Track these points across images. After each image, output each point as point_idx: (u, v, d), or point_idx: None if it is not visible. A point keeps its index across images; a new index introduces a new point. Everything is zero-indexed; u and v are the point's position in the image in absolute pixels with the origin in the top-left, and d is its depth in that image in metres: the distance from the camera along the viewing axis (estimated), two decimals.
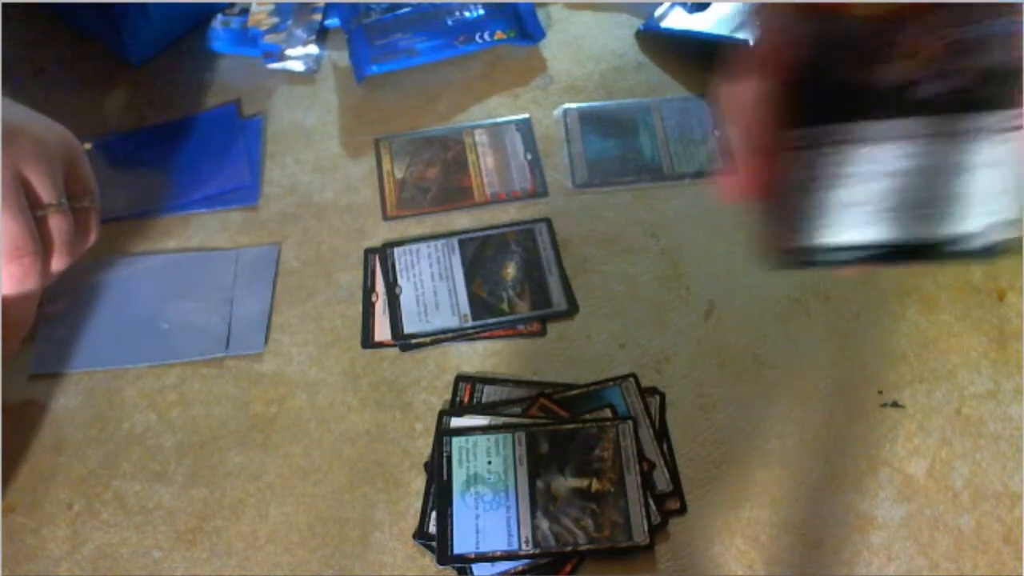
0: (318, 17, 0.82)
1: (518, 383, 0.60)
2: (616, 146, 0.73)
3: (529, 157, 0.73)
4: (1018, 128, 0.29)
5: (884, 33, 0.29)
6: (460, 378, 0.61)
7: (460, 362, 0.62)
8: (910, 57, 0.29)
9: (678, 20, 0.79)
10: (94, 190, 0.58)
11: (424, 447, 0.58)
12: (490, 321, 0.63)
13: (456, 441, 0.57)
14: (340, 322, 0.64)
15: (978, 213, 0.29)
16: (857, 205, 0.30)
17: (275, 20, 0.82)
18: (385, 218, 0.70)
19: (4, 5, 0.80)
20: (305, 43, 0.80)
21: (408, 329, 0.63)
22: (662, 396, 0.59)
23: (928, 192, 0.29)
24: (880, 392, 0.59)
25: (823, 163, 0.30)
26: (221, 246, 0.69)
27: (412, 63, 0.78)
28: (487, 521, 0.54)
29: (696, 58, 0.77)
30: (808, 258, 0.30)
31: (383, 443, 0.59)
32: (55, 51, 0.83)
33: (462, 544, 0.53)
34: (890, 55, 0.29)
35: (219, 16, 0.83)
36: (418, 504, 0.56)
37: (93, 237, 0.59)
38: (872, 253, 0.30)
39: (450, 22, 0.80)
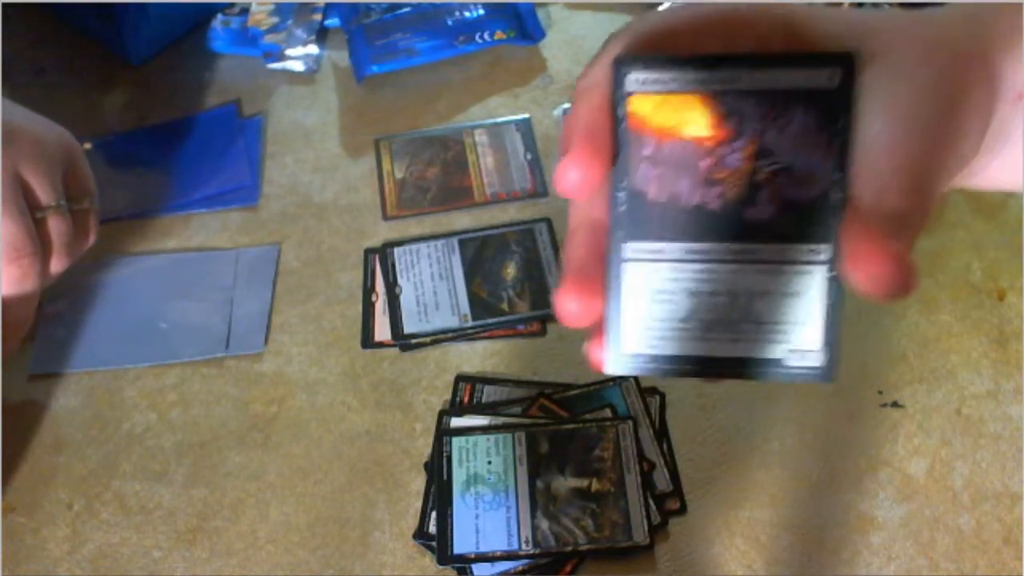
0: (318, 17, 0.82)
1: (518, 383, 0.60)
2: None
3: (529, 157, 0.73)
4: (823, 263, 0.30)
5: (712, 155, 0.30)
6: (460, 378, 0.61)
7: (460, 362, 0.62)
8: (737, 181, 0.30)
9: None
10: (93, 191, 0.59)
11: (424, 447, 0.58)
12: (490, 321, 0.63)
13: (456, 441, 0.57)
14: (340, 322, 0.64)
15: (782, 340, 0.30)
16: (678, 320, 0.31)
17: (275, 20, 0.82)
18: (385, 218, 0.70)
19: (4, 5, 0.80)
20: (305, 43, 0.80)
21: (408, 329, 0.63)
22: (662, 396, 0.59)
23: (741, 315, 0.31)
24: (880, 392, 0.59)
25: (651, 277, 0.31)
26: (221, 246, 0.69)
27: (412, 63, 0.78)
28: (487, 521, 0.54)
29: None
30: (631, 368, 0.32)
31: (383, 443, 0.59)
32: (55, 51, 0.83)
33: (462, 544, 0.53)
34: (717, 177, 0.30)
35: (219, 16, 0.83)
36: (418, 504, 0.56)
37: (92, 238, 0.59)
38: (691, 368, 0.31)
39: (450, 22, 0.80)
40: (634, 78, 0.30)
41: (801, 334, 0.30)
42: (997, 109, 0.31)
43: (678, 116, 0.30)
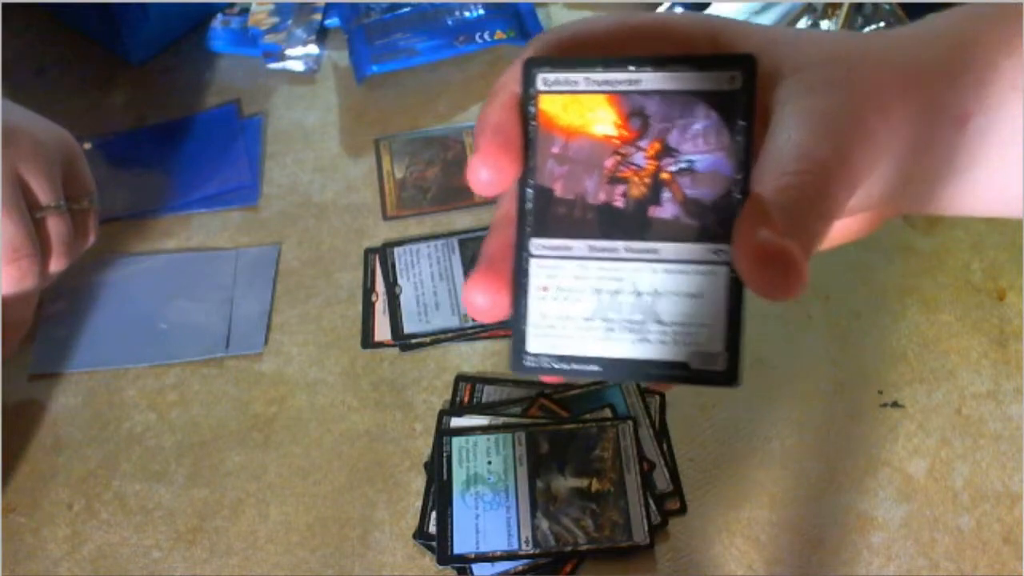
0: (318, 17, 0.82)
1: (518, 383, 0.60)
2: None
3: None
4: (725, 264, 0.30)
5: (617, 153, 0.31)
6: (460, 378, 0.61)
7: (460, 362, 0.62)
8: (641, 179, 0.31)
9: None
10: (93, 191, 0.59)
11: (424, 447, 0.58)
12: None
13: (456, 441, 0.57)
14: (340, 322, 0.64)
15: (685, 342, 0.30)
16: (583, 319, 0.31)
17: (275, 20, 0.82)
18: (385, 218, 0.70)
19: (4, 5, 0.80)
20: (305, 43, 0.80)
21: (408, 329, 0.63)
22: (662, 396, 0.59)
23: (645, 315, 0.30)
24: (880, 392, 0.59)
25: (556, 274, 0.31)
26: (221, 246, 0.69)
27: (412, 63, 0.78)
28: (487, 521, 0.54)
29: None
30: (534, 367, 0.32)
31: (383, 443, 0.59)
32: (55, 51, 0.83)
33: (462, 544, 0.53)
34: (622, 176, 0.31)
35: (219, 16, 0.83)
36: (418, 504, 0.56)
37: (92, 238, 0.59)
38: (596, 369, 0.31)
39: (450, 22, 0.80)
40: (543, 78, 0.31)
41: (704, 336, 0.30)
42: (938, 132, 0.31)
43: (585, 116, 0.31)
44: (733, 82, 0.30)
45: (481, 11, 0.81)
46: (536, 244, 0.31)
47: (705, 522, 0.54)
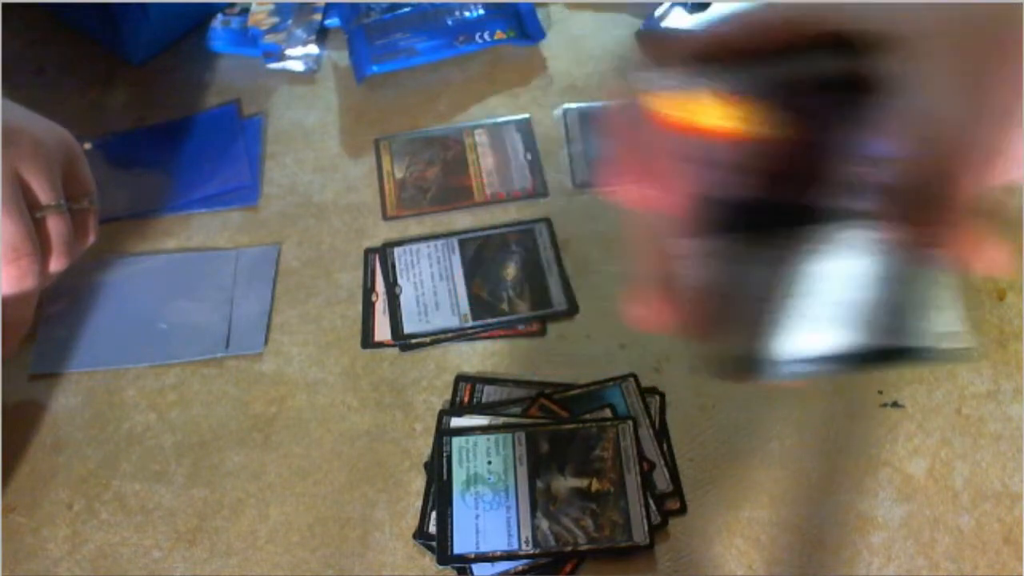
0: (318, 17, 0.82)
1: (518, 383, 0.60)
2: None
3: (529, 157, 0.73)
4: (933, 246, 0.30)
5: (762, 150, 0.30)
6: (460, 378, 0.61)
7: (460, 362, 0.62)
8: (799, 172, 0.30)
9: (678, 20, 0.79)
10: (93, 191, 0.59)
11: (424, 447, 0.58)
12: (490, 321, 0.63)
13: (456, 441, 0.57)
14: (340, 322, 0.64)
15: (912, 325, 0.30)
16: (805, 316, 0.31)
17: (275, 20, 0.82)
18: (385, 218, 0.70)
19: (4, 5, 0.80)
20: (305, 43, 0.80)
21: (408, 329, 0.63)
22: (662, 396, 0.59)
23: (861, 303, 0.30)
24: (880, 392, 0.59)
25: (765, 275, 0.31)
26: (221, 246, 0.69)
27: (412, 63, 0.78)
28: (487, 521, 0.54)
29: None
30: (765, 370, 0.31)
31: (383, 443, 0.59)
32: (55, 51, 0.83)
33: (462, 544, 0.53)
34: (778, 171, 0.30)
35: (219, 16, 0.83)
36: (418, 504, 0.56)
37: (92, 238, 0.59)
38: (826, 363, 0.31)
39: (450, 22, 0.80)
40: (680, 85, 0.31)
41: (931, 318, 0.30)
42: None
43: (719, 117, 0.31)
44: (858, 60, 0.29)
45: (481, 11, 0.81)
46: (730, 242, 0.31)
47: (705, 522, 0.54)
